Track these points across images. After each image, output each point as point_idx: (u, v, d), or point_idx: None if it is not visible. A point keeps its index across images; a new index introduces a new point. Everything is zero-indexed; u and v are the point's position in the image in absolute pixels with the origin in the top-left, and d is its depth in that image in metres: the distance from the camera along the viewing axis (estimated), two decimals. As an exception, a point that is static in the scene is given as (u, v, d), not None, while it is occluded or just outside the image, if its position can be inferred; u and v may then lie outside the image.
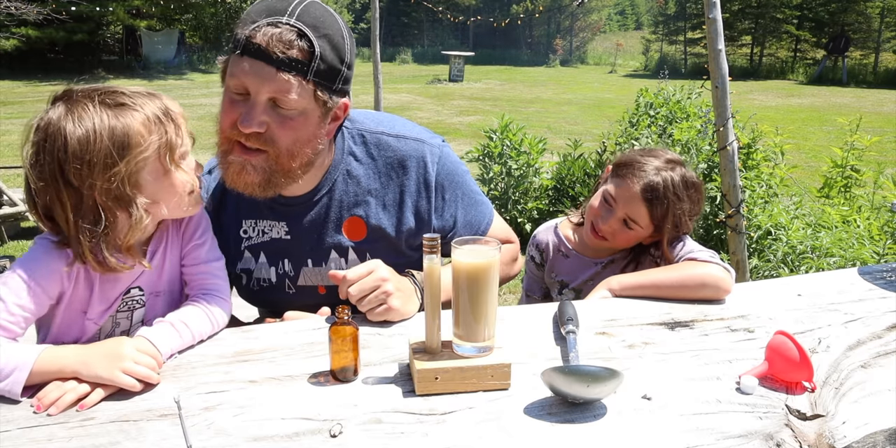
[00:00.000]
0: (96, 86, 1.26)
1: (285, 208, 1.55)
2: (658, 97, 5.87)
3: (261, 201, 1.51)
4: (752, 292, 1.62)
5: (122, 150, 1.19)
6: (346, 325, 1.16)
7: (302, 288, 1.59)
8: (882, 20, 25.42)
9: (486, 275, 1.14)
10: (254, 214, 1.57)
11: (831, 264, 3.47)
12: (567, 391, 1.08)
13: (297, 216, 1.55)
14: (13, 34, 16.68)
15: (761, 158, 4.64)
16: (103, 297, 1.31)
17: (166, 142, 1.24)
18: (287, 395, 1.13)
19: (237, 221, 1.58)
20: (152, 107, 1.24)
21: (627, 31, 48.89)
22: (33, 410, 1.06)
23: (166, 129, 1.24)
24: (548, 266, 1.90)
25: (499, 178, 5.49)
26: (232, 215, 1.59)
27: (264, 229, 1.57)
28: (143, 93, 1.27)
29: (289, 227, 1.56)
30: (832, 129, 11.72)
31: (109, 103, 1.21)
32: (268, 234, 1.57)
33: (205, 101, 15.08)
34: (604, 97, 17.17)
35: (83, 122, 1.17)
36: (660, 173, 1.68)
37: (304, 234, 1.56)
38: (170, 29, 23.66)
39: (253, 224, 1.58)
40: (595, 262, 1.82)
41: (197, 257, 1.40)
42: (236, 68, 1.32)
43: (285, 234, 1.56)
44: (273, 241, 1.57)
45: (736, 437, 1.03)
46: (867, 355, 1.31)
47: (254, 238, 1.58)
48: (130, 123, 1.20)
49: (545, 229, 1.93)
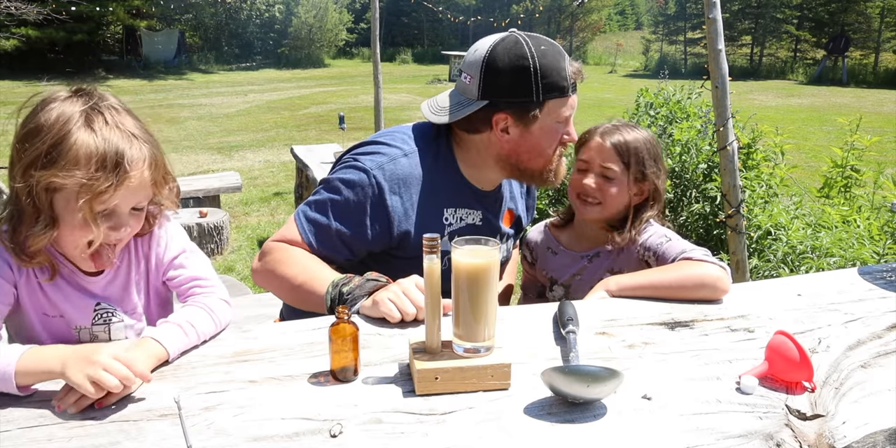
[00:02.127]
0: (110, 100, 1.21)
1: (484, 199, 1.77)
2: (658, 97, 5.86)
3: (465, 192, 1.73)
4: (752, 292, 1.62)
5: (49, 161, 1.13)
6: (346, 324, 1.16)
7: None
8: (882, 20, 25.41)
9: (486, 275, 1.14)
10: (454, 203, 1.72)
11: (831, 264, 3.47)
12: (567, 391, 1.08)
13: (488, 206, 1.79)
14: (13, 34, 16.68)
15: (761, 158, 4.64)
16: (74, 306, 1.30)
17: (90, 186, 1.14)
18: (287, 395, 1.13)
19: (439, 209, 1.70)
20: (111, 148, 1.15)
21: (627, 31, 48.88)
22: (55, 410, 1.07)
23: (102, 176, 1.14)
24: (538, 264, 1.96)
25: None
26: (434, 203, 1.68)
27: (462, 216, 1.74)
28: (127, 132, 1.18)
29: (483, 215, 1.77)
30: (832, 129, 11.72)
31: (85, 118, 1.16)
32: (465, 221, 1.74)
33: (205, 101, 15.09)
34: (604, 97, 17.16)
35: (55, 117, 1.14)
36: (609, 123, 1.86)
37: (490, 222, 1.80)
38: (170, 29, 23.68)
39: (453, 212, 1.72)
40: (581, 255, 1.85)
41: (182, 274, 1.39)
42: (568, 105, 1.63)
43: (479, 220, 1.77)
44: (468, 226, 1.75)
45: (736, 437, 1.03)
46: (867, 355, 1.31)
47: (454, 224, 1.72)
48: (76, 147, 1.13)
49: (535, 229, 2.02)
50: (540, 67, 1.55)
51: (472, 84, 1.60)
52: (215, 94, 16.59)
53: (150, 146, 1.21)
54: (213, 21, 25.74)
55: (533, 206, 2.01)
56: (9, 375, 1.07)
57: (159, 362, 1.20)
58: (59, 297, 1.29)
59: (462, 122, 1.65)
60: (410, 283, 1.42)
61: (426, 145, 1.69)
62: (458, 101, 1.65)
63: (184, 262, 1.39)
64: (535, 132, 1.63)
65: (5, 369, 1.07)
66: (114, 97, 1.24)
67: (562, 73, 1.58)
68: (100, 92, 1.22)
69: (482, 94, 1.60)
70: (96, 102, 1.19)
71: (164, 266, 1.39)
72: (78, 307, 1.30)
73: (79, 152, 1.13)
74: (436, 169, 1.67)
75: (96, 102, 1.19)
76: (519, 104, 1.58)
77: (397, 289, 1.41)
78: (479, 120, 1.62)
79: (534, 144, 1.64)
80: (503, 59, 1.56)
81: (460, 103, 1.64)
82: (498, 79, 1.57)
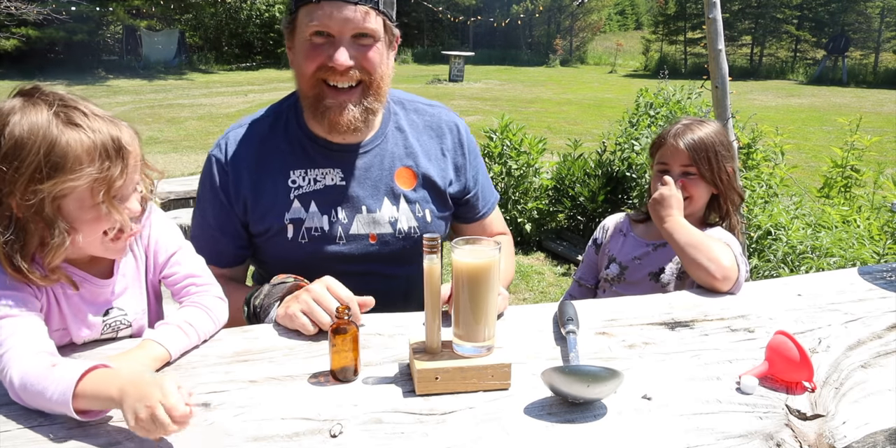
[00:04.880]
0: (62, 94, 1.17)
1: (342, 155, 1.62)
2: (658, 97, 5.86)
3: (313, 150, 1.60)
4: (752, 292, 1.62)
5: (52, 170, 1.09)
6: (346, 324, 1.16)
7: (354, 236, 1.62)
8: (882, 20, 25.41)
9: (486, 275, 1.14)
10: (304, 164, 1.61)
11: (831, 264, 3.47)
12: (567, 391, 1.08)
13: (352, 162, 1.62)
14: (13, 34, 16.68)
15: (761, 158, 4.64)
16: (83, 320, 1.27)
17: (104, 178, 1.13)
18: (287, 395, 1.13)
19: (283, 172, 1.61)
20: (105, 136, 1.13)
21: (627, 31, 48.85)
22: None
23: (110, 164, 1.13)
24: (605, 244, 2.02)
25: (499, 178, 5.49)
26: (276, 167, 1.61)
27: (316, 177, 1.61)
28: (105, 117, 1.16)
29: (344, 174, 1.61)
30: (832, 129, 11.72)
31: (62, 117, 1.11)
32: (321, 182, 1.61)
33: (205, 101, 15.08)
34: (604, 97, 17.17)
35: (29, 127, 1.09)
36: (681, 123, 1.90)
37: (359, 180, 1.63)
38: (170, 29, 23.67)
39: (303, 174, 1.61)
40: (647, 243, 1.92)
41: (178, 272, 1.38)
42: (315, 15, 1.44)
43: (340, 180, 1.61)
44: (327, 188, 1.61)
45: (736, 437, 1.03)
46: (867, 355, 1.31)
47: (304, 187, 1.60)
48: (73, 146, 1.10)
49: (615, 214, 2.11)
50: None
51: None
52: (215, 94, 16.58)
53: (126, 123, 1.21)
54: (213, 21, 25.72)
55: (471, 164, 1.78)
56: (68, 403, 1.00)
57: (161, 364, 1.20)
58: (70, 311, 1.26)
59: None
60: (321, 288, 1.33)
61: (272, 110, 1.65)
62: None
63: (179, 259, 1.39)
64: (297, 48, 1.51)
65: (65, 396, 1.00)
66: (63, 90, 1.20)
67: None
68: (44, 89, 1.17)
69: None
70: (58, 101, 1.15)
71: (161, 264, 1.39)
72: (87, 320, 1.28)
73: (78, 151, 1.11)
74: (277, 130, 1.62)
75: (58, 101, 1.15)
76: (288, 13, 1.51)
77: (308, 298, 1.32)
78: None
79: (297, 63, 1.52)
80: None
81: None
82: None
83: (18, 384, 1.05)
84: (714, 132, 1.85)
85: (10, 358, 1.07)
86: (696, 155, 1.81)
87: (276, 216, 1.59)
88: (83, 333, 1.29)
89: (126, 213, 1.19)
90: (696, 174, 1.83)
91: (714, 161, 1.82)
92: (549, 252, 5.42)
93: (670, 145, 1.84)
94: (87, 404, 1.02)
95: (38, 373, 1.04)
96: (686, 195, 1.81)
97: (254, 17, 26.34)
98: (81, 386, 1.01)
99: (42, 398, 1.03)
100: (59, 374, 1.03)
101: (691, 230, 1.68)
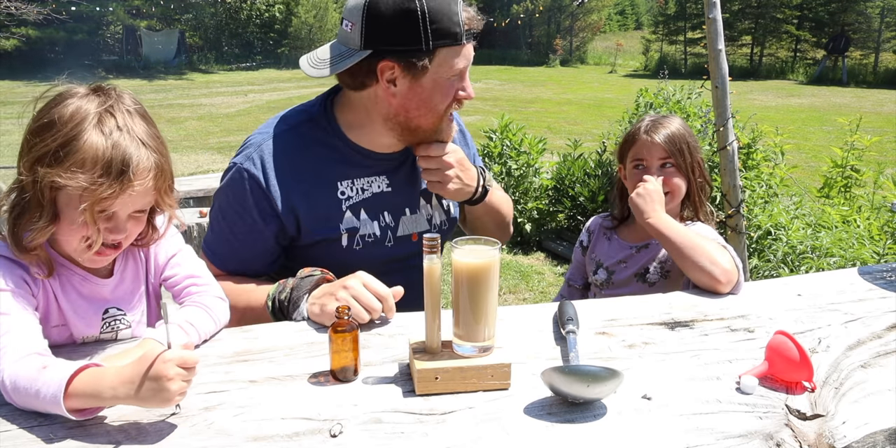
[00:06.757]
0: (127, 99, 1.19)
1: (384, 163, 1.65)
2: (658, 97, 5.86)
3: (356, 159, 1.61)
4: (752, 292, 1.62)
5: (56, 160, 1.11)
6: (346, 324, 1.16)
7: (399, 238, 1.68)
8: (882, 20, 25.40)
9: (486, 275, 1.14)
10: (349, 175, 1.62)
11: (831, 264, 3.47)
12: (567, 391, 1.08)
13: (395, 169, 1.67)
14: (13, 34, 16.69)
15: (761, 158, 4.64)
16: (83, 316, 1.28)
17: (92, 190, 1.11)
18: (287, 394, 1.13)
19: (331, 183, 1.60)
20: (119, 153, 1.12)
21: (627, 31, 48.85)
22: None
23: (104, 181, 1.11)
24: (590, 247, 2.04)
25: (499, 178, 5.49)
26: (322, 178, 1.59)
27: (363, 186, 1.63)
28: (140, 138, 1.16)
29: (389, 181, 1.66)
30: (832, 129, 11.72)
31: (100, 119, 1.13)
32: (368, 190, 1.64)
33: (205, 102, 15.09)
34: (604, 97, 17.17)
35: (70, 115, 1.12)
36: (648, 120, 1.93)
37: (402, 185, 1.69)
38: (170, 29, 23.70)
39: (350, 184, 1.62)
40: (631, 246, 1.93)
41: (178, 273, 1.39)
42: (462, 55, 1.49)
43: (387, 186, 1.66)
44: (374, 196, 1.64)
45: (736, 437, 1.03)
46: (867, 355, 1.31)
47: (353, 197, 1.62)
48: (85, 149, 1.11)
49: (598, 216, 2.12)
50: (428, 11, 1.41)
51: (355, 32, 1.45)
52: (215, 94, 16.59)
53: (157, 155, 1.19)
54: (213, 21, 25.74)
55: (471, 150, 1.87)
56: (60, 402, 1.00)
57: None
58: (70, 307, 1.27)
59: (346, 78, 1.52)
60: (358, 284, 1.35)
61: (301, 122, 1.61)
62: (340, 53, 1.49)
63: (179, 261, 1.40)
64: (426, 85, 1.49)
65: (57, 396, 1.00)
66: (131, 99, 1.21)
67: (454, 18, 1.44)
68: (119, 91, 1.19)
69: (366, 43, 1.44)
70: (112, 103, 1.16)
71: (161, 266, 1.39)
72: (87, 317, 1.29)
73: (86, 155, 1.11)
74: (315, 143, 1.58)
75: (112, 103, 1.16)
76: (406, 52, 1.44)
77: (346, 295, 1.33)
78: (364, 72, 1.48)
79: (424, 99, 1.50)
80: (386, 2, 1.41)
81: (342, 55, 1.49)
82: (381, 24, 1.42)
83: (10, 388, 1.05)
84: (681, 124, 1.90)
85: (1, 360, 1.07)
86: (672, 146, 1.84)
87: (331, 228, 1.59)
88: (83, 330, 1.29)
89: (103, 231, 1.18)
90: (673, 165, 1.85)
91: (687, 152, 1.86)
92: (549, 252, 5.43)
93: (644, 140, 1.86)
94: (81, 403, 1.02)
95: (28, 376, 1.04)
96: (666, 190, 1.82)
97: (254, 17, 26.36)
98: (73, 386, 1.01)
99: (35, 400, 1.03)
100: (49, 376, 1.03)
101: (681, 229, 1.68)
